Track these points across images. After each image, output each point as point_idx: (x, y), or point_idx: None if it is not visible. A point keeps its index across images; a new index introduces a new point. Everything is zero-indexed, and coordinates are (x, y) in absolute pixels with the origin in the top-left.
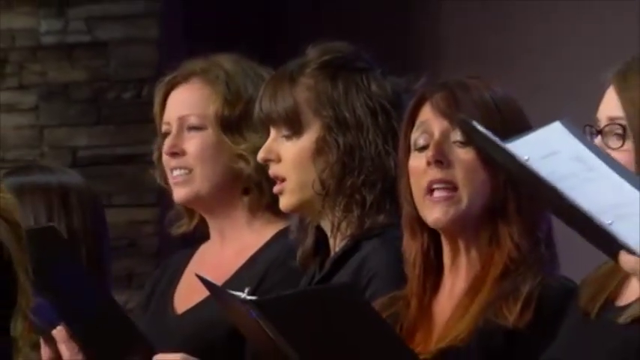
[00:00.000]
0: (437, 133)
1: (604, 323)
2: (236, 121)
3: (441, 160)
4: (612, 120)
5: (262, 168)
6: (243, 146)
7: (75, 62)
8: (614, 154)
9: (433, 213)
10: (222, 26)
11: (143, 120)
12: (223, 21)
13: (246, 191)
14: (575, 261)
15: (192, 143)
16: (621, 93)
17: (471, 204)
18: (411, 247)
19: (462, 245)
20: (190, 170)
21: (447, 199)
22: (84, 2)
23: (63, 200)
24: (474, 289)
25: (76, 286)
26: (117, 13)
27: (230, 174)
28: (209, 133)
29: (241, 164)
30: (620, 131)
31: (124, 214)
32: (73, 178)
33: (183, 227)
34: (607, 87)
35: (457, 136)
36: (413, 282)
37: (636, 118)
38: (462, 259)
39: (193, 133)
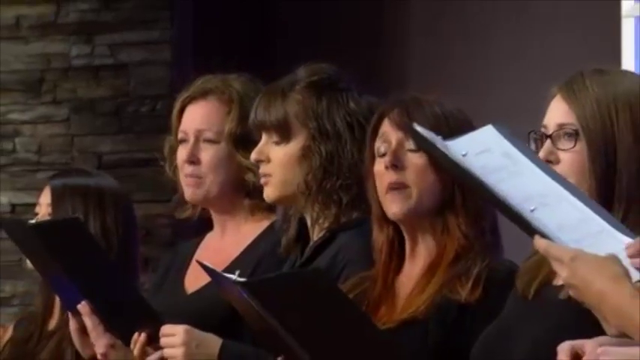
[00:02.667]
0: (394, 142)
1: (542, 301)
2: (246, 139)
3: (396, 164)
4: (561, 126)
5: None
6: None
7: (100, 81)
8: (566, 155)
9: (391, 208)
10: (226, 51)
11: (158, 130)
12: (226, 46)
13: (248, 194)
14: (517, 247)
15: (207, 154)
16: (570, 101)
17: (419, 199)
18: (379, 238)
19: (419, 235)
20: (203, 177)
21: (399, 194)
22: (108, 31)
23: (99, 200)
24: (430, 271)
25: (98, 269)
26: (136, 39)
27: (237, 181)
28: (222, 147)
29: (249, 175)
30: (571, 134)
31: (142, 209)
32: (107, 181)
33: (188, 212)
34: (552, 98)
35: (410, 144)
36: (379, 266)
37: (586, 121)
38: (420, 247)
39: (208, 145)
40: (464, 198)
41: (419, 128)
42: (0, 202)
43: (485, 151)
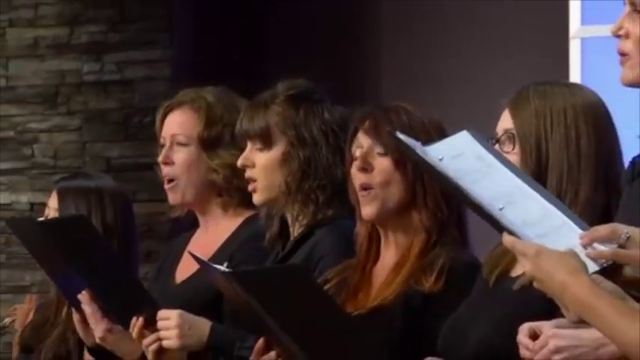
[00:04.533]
0: (365, 147)
1: (500, 290)
2: (212, 142)
3: (366, 167)
4: (506, 131)
5: (230, 179)
6: (216, 162)
7: (109, 94)
8: (508, 156)
9: (364, 211)
10: (220, 69)
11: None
12: (221, 64)
13: (219, 193)
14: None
15: (179, 156)
16: (513, 111)
17: (384, 200)
18: (361, 231)
19: (390, 230)
20: (177, 179)
21: (367, 195)
22: (115, 50)
23: (99, 200)
24: (399, 264)
25: (102, 261)
26: (140, 58)
27: (207, 182)
28: (192, 149)
29: (214, 175)
30: (511, 138)
31: (145, 207)
32: (107, 182)
33: (177, 212)
34: (504, 109)
35: (378, 148)
36: (359, 256)
37: (522, 126)
38: (391, 240)
39: (180, 148)
40: (425, 196)
41: (401, 135)
42: (21, 202)
43: (459, 155)
